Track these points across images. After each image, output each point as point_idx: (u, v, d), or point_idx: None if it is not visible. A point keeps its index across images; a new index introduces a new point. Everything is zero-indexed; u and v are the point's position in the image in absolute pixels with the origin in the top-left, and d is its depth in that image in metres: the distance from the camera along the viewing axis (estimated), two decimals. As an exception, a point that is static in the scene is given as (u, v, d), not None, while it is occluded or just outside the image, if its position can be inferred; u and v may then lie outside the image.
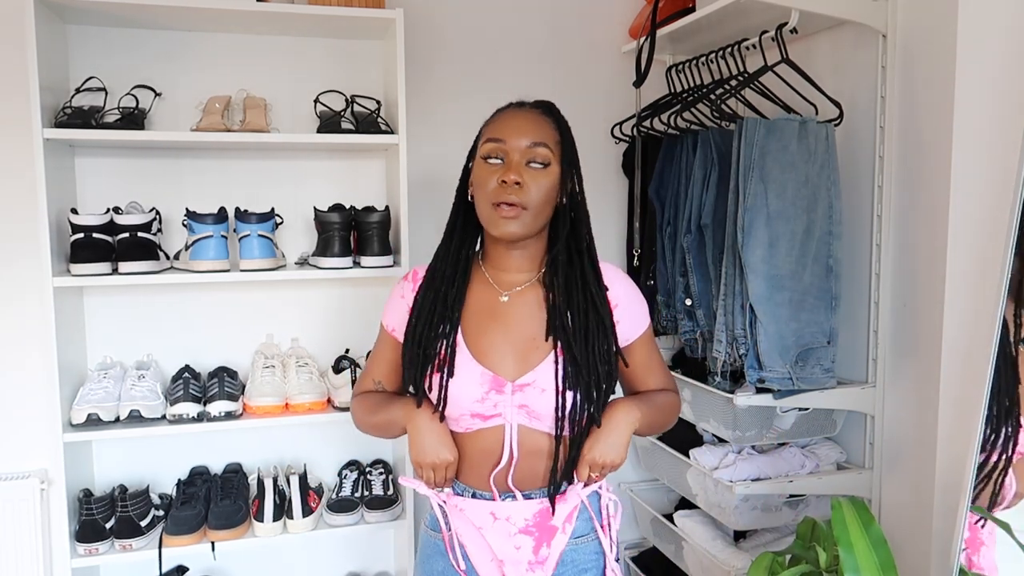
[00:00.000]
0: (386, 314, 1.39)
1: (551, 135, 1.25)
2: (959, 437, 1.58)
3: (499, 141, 1.23)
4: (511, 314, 1.28)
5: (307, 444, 2.32)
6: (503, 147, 1.23)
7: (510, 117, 1.26)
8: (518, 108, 1.28)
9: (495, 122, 1.28)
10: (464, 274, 1.31)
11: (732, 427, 1.84)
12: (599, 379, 1.24)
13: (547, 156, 1.23)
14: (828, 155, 1.76)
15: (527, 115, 1.26)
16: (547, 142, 1.23)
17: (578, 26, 2.42)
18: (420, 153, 2.27)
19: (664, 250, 2.09)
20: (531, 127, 1.24)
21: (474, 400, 1.25)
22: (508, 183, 1.20)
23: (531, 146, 1.22)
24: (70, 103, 1.95)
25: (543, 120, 1.26)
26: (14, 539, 2.03)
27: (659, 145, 2.14)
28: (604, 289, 1.29)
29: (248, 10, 1.98)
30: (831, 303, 1.78)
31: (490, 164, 1.24)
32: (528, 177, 1.21)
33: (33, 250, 1.97)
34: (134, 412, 1.95)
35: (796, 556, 1.63)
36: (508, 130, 1.24)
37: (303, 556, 2.35)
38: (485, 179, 1.23)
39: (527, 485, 1.29)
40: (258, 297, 2.26)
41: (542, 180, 1.23)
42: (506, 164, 1.23)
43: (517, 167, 1.21)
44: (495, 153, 1.24)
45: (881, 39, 1.76)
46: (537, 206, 1.23)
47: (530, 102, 1.30)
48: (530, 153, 1.22)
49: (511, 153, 1.23)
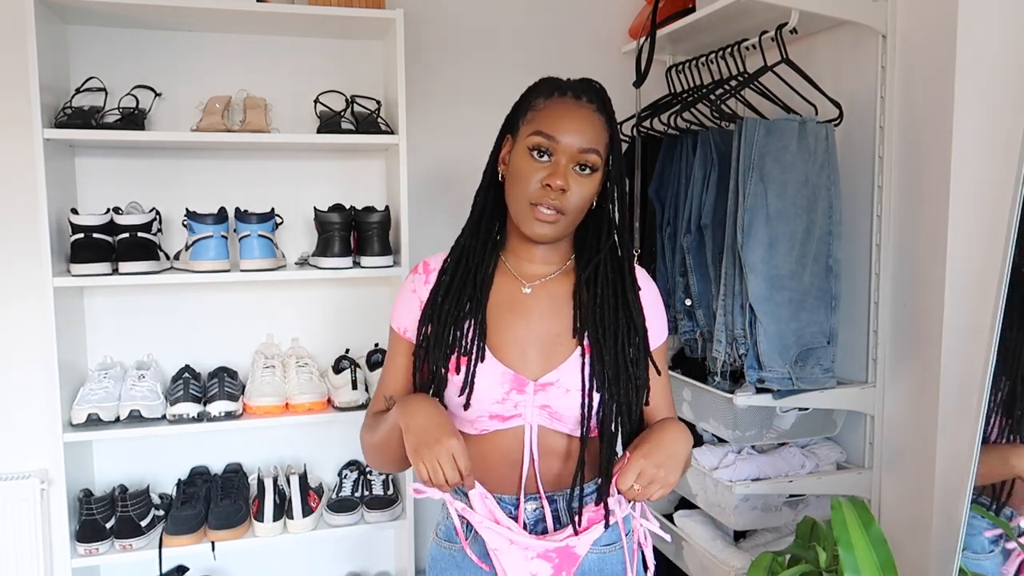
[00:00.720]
0: (395, 316, 1.26)
1: (602, 137, 1.16)
2: (959, 437, 1.57)
3: (550, 139, 1.12)
4: (534, 308, 1.20)
5: (307, 444, 2.32)
6: (553, 145, 1.13)
7: (565, 112, 1.14)
8: (575, 100, 1.15)
9: (547, 111, 1.15)
10: (494, 257, 1.22)
11: (732, 427, 1.84)
12: (629, 380, 1.16)
13: (596, 162, 1.14)
14: (828, 155, 1.76)
15: (583, 113, 1.14)
16: (598, 148, 1.14)
17: (578, 26, 2.42)
18: (420, 153, 2.28)
19: (664, 250, 2.09)
20: (587, 128, 1.13)
21: (494, 401, 1.16)
22: (554, 188, 1.12)
23: (583, 151, 1.13)
24: (70, 103, 1.95)
25: (597, 120, 1.16)
26: (14, 539, 2.03)
27: (659, 145, 2.14)
28: (637, 289, 1.21)
29: (248, 10, 1.98)
30: (831, 303, 1.78)
31: (535, 160, 1.13)
32: (573, 182, 1.13)
33: (33, 250, 1.97)
34: (134, 412, 1.95)
35: (796, 556, 1.63)
36: (562, 128, 1.12)
37: (303, 556, 2.35)
38: (527, 174, 1.14)
39: (544, 487, 1.20)
40: (258, 297, 2.27)
41: (587, 186, 1.14)
42: (553, 165, 1.13)
43: (564, 171, 1.12)
44: (543, 148, 1.13)
45: (881, 39, 1.76)
46: (576, 211, 1.15)
47: (584, 91, 1.17)
48: (580, 158, 1.13)
49: (560, 153, 1.13)
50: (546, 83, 1.19)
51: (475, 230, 1.22)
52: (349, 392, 2.09)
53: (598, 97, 1.18)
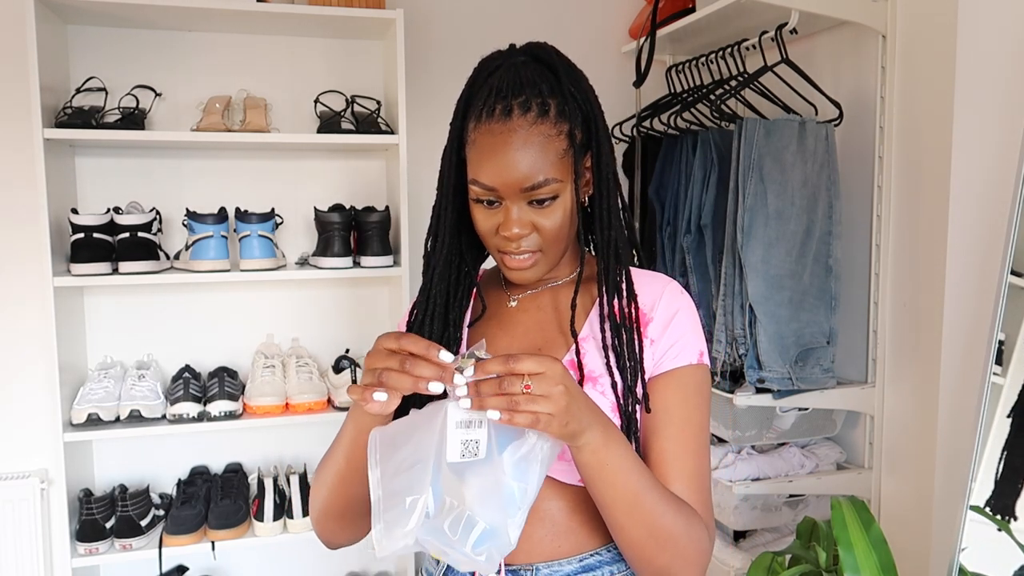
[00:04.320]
0: None
1: (552, 153, 0.90)
2: (959, 437, 1.57)
3: (488, 189, 0.92)
4: (519, 322, 1.03)
5: (307, 444, 2.32)
6: (494, 193, 0.92)
7: (496, 146, 0.90)
8: (503, 122, 0.90)
9: (478, 148, 0.92)
10: (467, 291, 1.04)
11: (732, 427, 1.84)
12: (621, 404, 0.94)
13: (553, 191, 0.91)
14: (828, 155, 1.76)
15: (518, 139, 0.90)
16: (549, 174, 0.90)
17: (578, 26, 2.42)
18: (420, 153, 2.27)
19: (664, 250, 2.09)
20: (525, 159, 0.89)
21: None
22: (511, 239, 0.93)
23: (528, 189, 0.90)
24: (70, 103, 1.95)
25: (539, 133, 0.90)
26: (14, 539, 2.03)
27: (659, 145, 2.14)
28: (632, 296, 0.97)
29: (248, 10, 1.98)
30: (831, 303, 1.78)
31: (484, 207, 0.94)
32: (535, 217, 0.93)
33: (33, 250, 1.97)
34: (134, 412, 1.95)
35: (796, 556, 1.63)
36: (496, 171, 0.90)
37: (303, 556, 2.35)
38: (480, 224, 0.96)
39: (523, 555, 0.94)
40: (258, 297, 2.26)
41: (553, 214, 0.93)
42: (503, 211, 0.93)
43: (520, 217, 0.92)
44: (485, 197, 0.93)
45: (881, 39, 1.76)
46: (555, 240, 0.95)
47: (515, 93, 0.92)
48: (529, 195, 0.91)
49: (506, 197, 0.92)
50: (479, 88, 0.96)
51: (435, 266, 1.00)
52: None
53: (535, 90, 0.91)
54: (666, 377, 0.95)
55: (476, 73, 0.99)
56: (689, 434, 0.94)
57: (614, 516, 0.87)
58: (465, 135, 0.95)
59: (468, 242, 1.03)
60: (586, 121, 0.95)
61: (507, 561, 0.94)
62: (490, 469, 0.79)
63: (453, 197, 0.99)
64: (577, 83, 0.95)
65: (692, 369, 0.96)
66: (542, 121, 0.91)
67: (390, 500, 0.78)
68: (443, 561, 0.89)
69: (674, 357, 0.96)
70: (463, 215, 1.00)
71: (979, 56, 1.55)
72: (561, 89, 0.93)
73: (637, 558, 0.89)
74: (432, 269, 1.00)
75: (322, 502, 0.98)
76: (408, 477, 0.79)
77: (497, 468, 0.79)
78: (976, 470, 1.42)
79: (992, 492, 1.44)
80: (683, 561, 0.89)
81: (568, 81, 0.94)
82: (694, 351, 0.97)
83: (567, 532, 0.96)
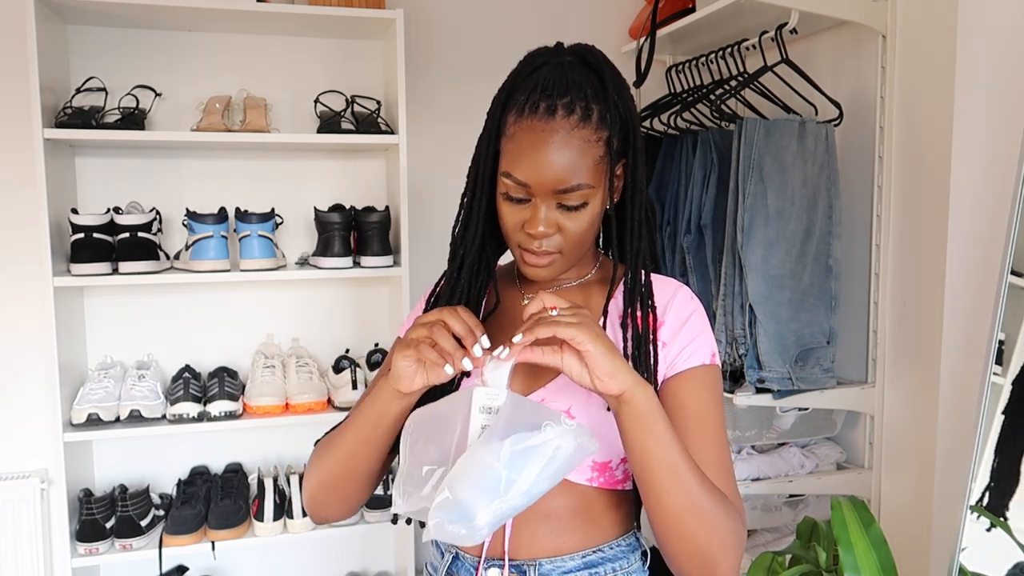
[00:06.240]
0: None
1: (589, 158, 0.91)
2: (959, 437, 1.57)
3: (521, 184, 0.92)
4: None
5: (307, 444, 2.30)
6: (526, 189, 0.93)
7: (536, 143, 0.91)
8: (547, 120, 0.90)
9: (516, 142, 0.92)
10: (485, 283, 1.04)
11: (732, 427, 1.84)
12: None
13: (584, 196, 0.93)
14: (828, 155, 1.76)
15: (558, 140, 0.90)
16: (583, 180, 0.91)
17: (578, 26, 2.42)
18: (420, 153, 2.27)
19: (664, 250, 2.09)
20: (563, 161, 0.90)
21: None
22: (535, 236, 0.94)
23: (561, 192, 0.92)
24: (70, 103, 1.95)
25: (580, 137, 0.91)
26: (14, 539, 2.03)
27: (659, 145, 2.14)
28: (651, 301, 0.99)
29: (248, 10, 1.98)
30: (831, 303, 1.78)
31: (511, 202, 0.95)
32: (561, 219, 0.94)
33: (33, 250, 1.97)
34: (134, 412, 1.95)
35: (796, 556, 1.63)
36: (533, 168, 0.91)
37: (303, 556, 2.35)
38: (505, 217, 0.97)
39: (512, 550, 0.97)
40: (258, 297, 2.26)
41: (580, 219, 0.94)
42: (532, 208, 0.93)
43: (547, 216, 0.93)
44: (515, 194, 0.94)
45: (881, 39, 1.76)
46: (576, 245, 0.96)
47: (562, 93, 0.91)
48: (560, 199, 0.92)
49: (537, 195, 0.93)
50: (523, 82, 0.95)
51: (460, 248, 1.03)
52: (349, 392, 2.09)
53: (581, 93, 0.92)
54: (680, 377, 0.97)
55: (521, 67, 0.98)
56: (707, 428, 0.95)
57: (657, 482, 0.86)
58: (504, 127, 0.95)
59: (490, 234, 1.03)
60: (624, 130, 0.95)
61: (511, 556, 0.97)
62: (484, 451, 0.81)
63: (487, 187, 0.99)
64: (621, 92, 0.95)
65: (705, 369, 0.98)
66: (584, 126, 0.91)
67: (412, 468, 0.86)
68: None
69: (687, 358, 0.97)
70: (491, 206, 1.00)
71: (979, 56, 1.55)
72: (606, 96, 0.93)
73: (678, 533, 0.87)
74: (461, 259, 1.02)
75: (325, 472, 1.01)
76: (430, 449, 0.86)
77: (491, 452, 0.81)
78: (976, 470, 1.42)
79: (986, 487, 1.44)
80: (721, 541, 0.88)
81: (613, 88, 0.94)
82: (706, 352, 0.99)
83: (571, 529, 0.98)
